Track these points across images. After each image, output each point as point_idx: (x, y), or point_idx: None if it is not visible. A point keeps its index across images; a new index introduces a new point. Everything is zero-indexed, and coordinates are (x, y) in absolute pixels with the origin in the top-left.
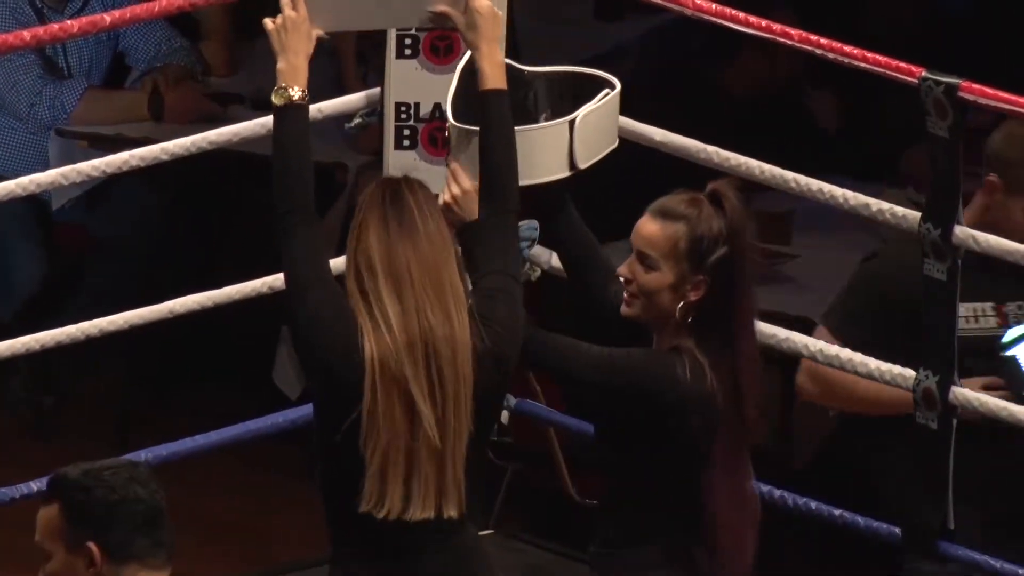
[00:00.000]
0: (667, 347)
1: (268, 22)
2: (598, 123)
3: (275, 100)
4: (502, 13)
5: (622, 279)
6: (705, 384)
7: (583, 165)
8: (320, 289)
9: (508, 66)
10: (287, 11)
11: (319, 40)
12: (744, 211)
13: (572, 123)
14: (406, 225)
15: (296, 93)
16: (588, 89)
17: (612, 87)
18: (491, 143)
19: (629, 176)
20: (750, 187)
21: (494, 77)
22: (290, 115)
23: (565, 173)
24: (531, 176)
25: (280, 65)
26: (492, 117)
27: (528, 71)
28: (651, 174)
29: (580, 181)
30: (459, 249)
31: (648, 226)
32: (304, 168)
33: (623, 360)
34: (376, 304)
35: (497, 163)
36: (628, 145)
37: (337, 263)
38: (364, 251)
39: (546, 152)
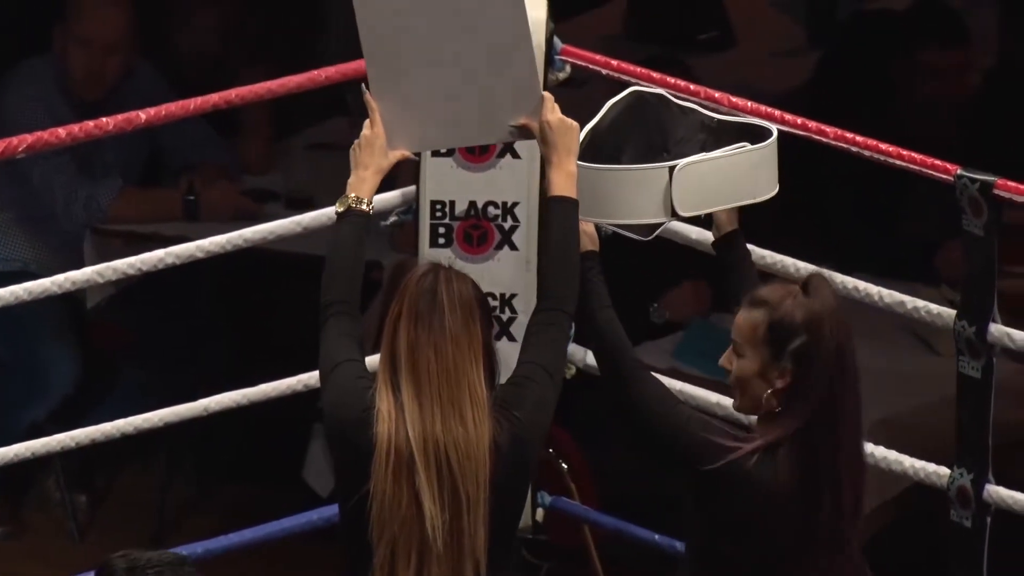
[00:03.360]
0: (762, 438)
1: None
2: (717, 174)
3: (337, 207)
4: (575, 123)
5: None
6: (766, 476)
7: (685, 213)
8: (346, 368)
9: (695, 112)
10: (365, 130)
11: (406, 159)
12: (832, 304)
13: (671, 169)
14: (435, 325)
15: (356, 202)
16: (758, 139)
17: (764, 138)
18: (550, 246)
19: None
20: None
21: (562, 186)
22: (347, 219)
23: (663, 219)
24: (623, 216)
25: (351, 179)
26: (554, 223)
27: (718, 119)
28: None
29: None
30: (489, 343)
31: (738, 315)
32: (352, 268)
33: (698, 428)
34: (398, 397)
35: (551, 265)
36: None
37: (373, 360)
38: (395, 344)
39: (641, 195)
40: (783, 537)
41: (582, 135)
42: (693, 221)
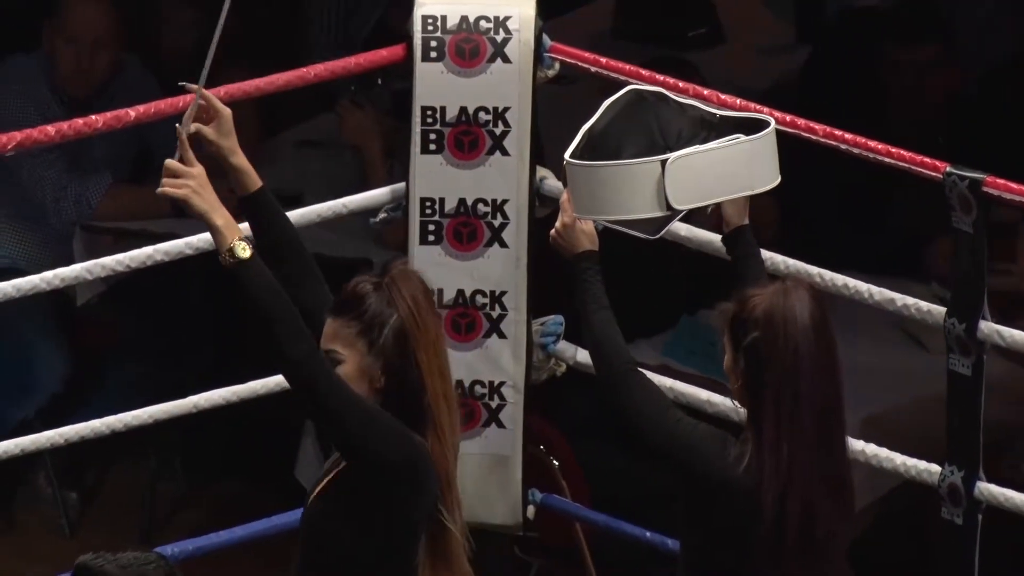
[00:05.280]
0: (742, 441)
1: (174, 192)
2: (711, 166)
3: (240, 254)
4: None
5: None
6: (737, 471)
7: (680, 206)
8: (376, 410)
9: (695, 108)
10: (192, 170)
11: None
12: (799, 307)
13: (664, 163)
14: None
15: (243, 247)
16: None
17: (760, 130)
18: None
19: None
20: None
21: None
22: (250, 270)
23: (658, 213)
24: (618, 212)
25: (218, 222)
26: (279, 209)
27: (720, 114)
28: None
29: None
30: None
31: None
32: (291, 308)
33: (687, 432)
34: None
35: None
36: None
37: None
38: (445, 364)
39: (635, 190)
40: (759, 543)
41: (579, 135)
42: (703, 219)
